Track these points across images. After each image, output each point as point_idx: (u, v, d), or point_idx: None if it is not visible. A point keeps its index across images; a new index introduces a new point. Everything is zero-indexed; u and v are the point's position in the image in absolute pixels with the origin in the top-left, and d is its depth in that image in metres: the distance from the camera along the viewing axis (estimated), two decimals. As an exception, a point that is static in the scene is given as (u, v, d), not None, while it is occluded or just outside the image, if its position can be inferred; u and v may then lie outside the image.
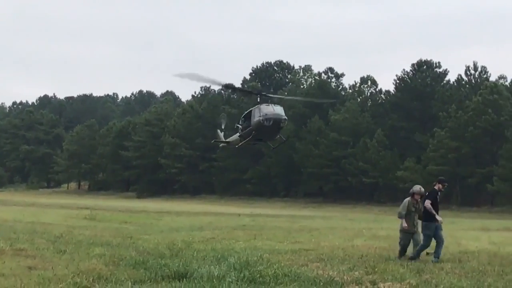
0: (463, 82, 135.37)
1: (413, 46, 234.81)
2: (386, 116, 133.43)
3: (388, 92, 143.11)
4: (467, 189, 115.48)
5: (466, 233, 38.69)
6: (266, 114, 38.30)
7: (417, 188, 21.10)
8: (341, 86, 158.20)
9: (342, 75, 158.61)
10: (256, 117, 39.16)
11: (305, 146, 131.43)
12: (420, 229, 20.56)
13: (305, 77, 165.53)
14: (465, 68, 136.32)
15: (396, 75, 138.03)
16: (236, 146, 46.03)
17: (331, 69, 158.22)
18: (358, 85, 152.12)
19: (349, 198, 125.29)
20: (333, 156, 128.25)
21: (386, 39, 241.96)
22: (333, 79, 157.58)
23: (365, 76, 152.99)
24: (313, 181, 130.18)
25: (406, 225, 20.51)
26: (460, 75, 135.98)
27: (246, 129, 40.89)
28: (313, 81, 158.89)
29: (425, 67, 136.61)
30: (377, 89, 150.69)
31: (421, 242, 20.11)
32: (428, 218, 19.80)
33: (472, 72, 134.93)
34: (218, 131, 52.33)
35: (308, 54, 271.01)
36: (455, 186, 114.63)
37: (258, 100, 42.51)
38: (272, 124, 38.38)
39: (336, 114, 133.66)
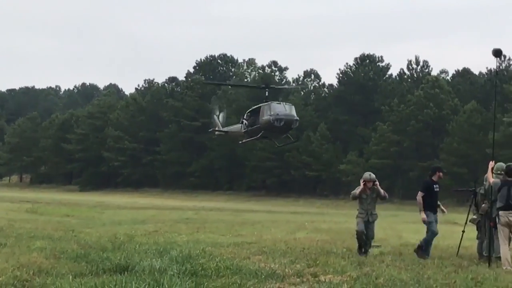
0: (405, 76, 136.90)
1: (356, 40, 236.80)
2: (329, 109, 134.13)
3: (331, 86, 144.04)
4: (409, 182, 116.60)
5: (407, 226, 39.14)
6: (277, 114, 36.68)
7: (367, 175, 20.62)
8: (284, 80, 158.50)
9: (286, 68, 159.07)
10: (265, 116, 37.44)
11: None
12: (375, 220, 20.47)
13: (249, 70, 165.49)
14: (407, 62, 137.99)
15: (339, 69, 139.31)
16: (240, 142, 44.33)
17: (274, 63, 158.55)
18: (301, 78, 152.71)
19: (292, 191, 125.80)
20: (276, 150, 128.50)
21: (329, 33, 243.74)
22: (277, 73, 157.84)
23: (309, 70, 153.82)
24: (256, 174, 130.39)
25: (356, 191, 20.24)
26: (402, 69, 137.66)
27: (253, 126, 39.08)
28: (257, 74, 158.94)
29: (367, 61, 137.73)
30: (320, 83, 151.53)
31: (372, 234, 20.09)
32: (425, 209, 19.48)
33: (414, 66, 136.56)
34: (215, 117, 50.38)
35: (252, 48, 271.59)
36: (396, 179, 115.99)
37: (267, 94, 40.88)
38: (283, 124, 36.90)
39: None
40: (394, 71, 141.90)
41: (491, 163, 17.85)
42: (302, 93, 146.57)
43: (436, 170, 20.22)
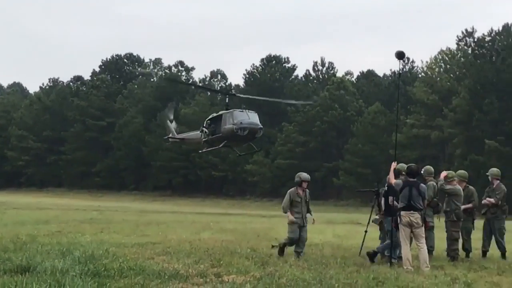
0: (311, 78, 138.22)
1: (262, 41, 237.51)
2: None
3: (237, 86, 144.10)
4: (314, 183, 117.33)
5: (312, 226, 39.35)
6: (240, 123, 34.04)
7: (304, 174, 20.59)
8: (191, 80, 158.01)
9: (193, 68, 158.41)
10: (228, 124, 34.85)
11: (154, 140, 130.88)
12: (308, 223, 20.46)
13: (155, 70, 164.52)
14: (313, 63, 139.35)
15: (246, 70, 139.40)
16: (200, 152, 42.51)
17: (181, 63, 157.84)
18: (208, 79, 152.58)
19: (198, 191, 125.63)
20: (183, 150, 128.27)
21: (235, 34, 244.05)
22: (183, 73, 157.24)
23: (215, 70, 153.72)
24: (162, 175, 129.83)
25: (292, 218, 19.99)
26: (308, 70, 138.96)
27: (214, 135, 36.06)
28: (163, 74, 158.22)
29: (274, 62, 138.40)
30: (227, 83, 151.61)
31: (306, 238, 20.03)
32: (387, 213, 19.30)
33: (320, 67, 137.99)
34: (168, 122, 48.22)
35: (158, 48, 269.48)
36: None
37: (227, 101, 38.70)
38: (247, 133, 34.39)
39: (186, 107, 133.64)
40: (300, 72, 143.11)
41: (394, 164, 18.16)
42: (209, 93, 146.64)
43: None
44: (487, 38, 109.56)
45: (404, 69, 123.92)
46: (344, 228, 36.18)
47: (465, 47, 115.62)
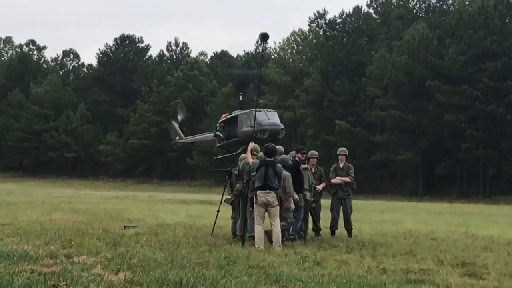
0: (165, 58, 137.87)
1: (116, 21, 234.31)
2: (89, 90, 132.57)
3: (90, 66, 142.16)
4: (168, 163, 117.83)
5: (165, 206, 39.51)
6: (260, 125, 31.54)
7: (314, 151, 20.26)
8: (43, 59, 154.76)
9: (44, 47, 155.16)
10: (245, 127, 32.58)
11: (5, 120, 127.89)
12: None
13: (6, 49, 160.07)
14: (166, 44, 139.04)
15: (99, 50, 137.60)
16: (214, 158, 38.63)
17: (32, 42, 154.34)
18: (60, 58, 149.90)
19: (50, 172, 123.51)
20: (34, 130, 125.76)
21: (88, 13, 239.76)
22: (35, 52, 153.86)
23: (68, 49, 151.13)
24: (13, 155, 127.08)
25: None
26: (162, 50, 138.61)
27: (230, 139, 34.45)
28: (14, 53, 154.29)
29: (127, 42, 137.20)
30: (80, 63, 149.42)
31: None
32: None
33: (174, 48, 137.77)
34: (174, 123, 44.37)
35: (8, 26, 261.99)
36: (156, 160, 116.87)
37: (241, 98, 37.01)
38: (269, 136, 31.76)
39: (38, 87, 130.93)
40: (154, 52, 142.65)
41: (251, 145, 18.29)
42: (61, 72, 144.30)
43: (300, 151, 19.97)
44: (338, 20, 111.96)
45: (258, 50, 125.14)
46: (197, 208, 36.32)
47: (317, 29, 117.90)
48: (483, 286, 11.36)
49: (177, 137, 42.27)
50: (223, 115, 37.17)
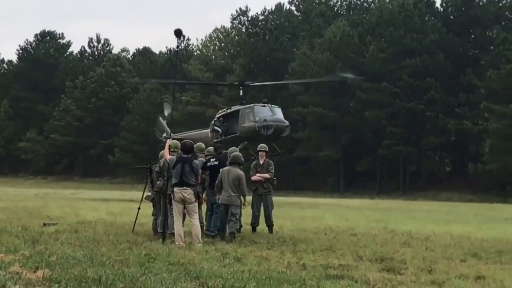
0: (87, 54, 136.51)
1: (36, 16, 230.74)
2: (9, 86, 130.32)
3: (10, 62, 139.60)
4: (90, 160, 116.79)
5: (85, 203, 39.17)
6: (264, 120, 30.44)
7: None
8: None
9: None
10: (247, 122, 31.20)
11: None
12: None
13: None
14: (88, 40, 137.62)
15: (19, 45, 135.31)
16: None
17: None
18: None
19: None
20: None
21: (9, 8, 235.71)
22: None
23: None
24: None
25: None
26: (83, 47, 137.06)
27: (229, 135, 32.69)
28: None
29: (48, 38, 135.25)
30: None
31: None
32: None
33: (95, 44, 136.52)
34: (160, 119, 42.30)
35: None
36: (78, 156, 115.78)
37: (241, 93, 34.59)
38: (272, 133, 30.63)
39: None
40: (75, 49, 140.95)
41: (168, 141, 18.27)
42: None
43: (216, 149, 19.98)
44: (261, 17, 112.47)
45: (180, 47, 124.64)
46: (118, 205, 36.06)
47: (239, 26, 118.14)
48: (401, 281, 11.55)
49: (164, 134, 40.67)
50: (221, 110, 35.93)
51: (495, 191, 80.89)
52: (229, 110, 34.56)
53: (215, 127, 34.70)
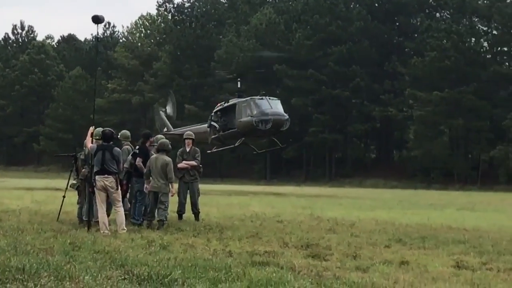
0: (11, 41, 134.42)
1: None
2: None
3: None
4: (14, 148, 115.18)
5: (10, 192, 38.58)
6: (262, 113, 29.20)
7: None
8: None
9: None
10: (245, 116, 29.83)
11: None
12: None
13: None
14: (12, 27, 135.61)
15: None
16: (208, 152, 34.59)
17: None
18: None
19: None
20: None
21: None
22: None
23: None
24: None
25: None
26: (7, 33, 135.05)
27: (227, 131, 31.39)
28: None
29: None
30: None
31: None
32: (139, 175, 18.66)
33: (19, 31, 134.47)
34: (161, 113, 40.55)
35: None
36: (1, 145, 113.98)
37: (239, 86, 33.66)
38: (271, 127, 29.61)
39: None
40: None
41: (91, 129, 18.08)
42: None
43: (147, 136, 19.70)
44: (187, 5, 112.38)
45: (105, 34, 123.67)
46: (43, 194, 35.64)
47: (165, 13, 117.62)
48: (326, 267, 11.64)
49: (165, 129, 39.59)
50: (219, 104, 34.46)
51: (419, 178, 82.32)
52: (226, 104, 33.39)
53: (212, 122, 33.68)
